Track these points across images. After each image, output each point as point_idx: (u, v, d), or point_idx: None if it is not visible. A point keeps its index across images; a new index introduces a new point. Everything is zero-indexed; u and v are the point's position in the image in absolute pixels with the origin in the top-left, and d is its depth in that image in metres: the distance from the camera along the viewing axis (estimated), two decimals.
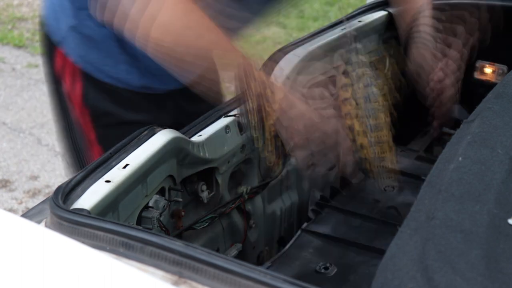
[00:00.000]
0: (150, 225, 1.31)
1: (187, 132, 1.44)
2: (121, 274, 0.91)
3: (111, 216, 1.21)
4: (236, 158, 1.55)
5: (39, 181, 3.46)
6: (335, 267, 1.51)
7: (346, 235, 1.62)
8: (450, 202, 1.03)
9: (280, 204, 1.77)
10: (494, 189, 1.05)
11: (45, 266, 0.90)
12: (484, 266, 0.91)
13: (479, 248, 0.94)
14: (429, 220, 1.00)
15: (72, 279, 0.89)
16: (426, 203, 1.06)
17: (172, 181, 1.39)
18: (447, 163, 1.14)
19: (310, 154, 1.81)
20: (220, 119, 1.51)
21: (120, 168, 1.24)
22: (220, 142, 1.48)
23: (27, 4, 5.67)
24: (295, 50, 1.72)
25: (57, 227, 1.08)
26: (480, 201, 1.03)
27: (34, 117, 4.06)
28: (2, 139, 3.82)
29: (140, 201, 1.29)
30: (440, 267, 0.91)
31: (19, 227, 0.99)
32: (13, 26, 5.31)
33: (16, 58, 4.83)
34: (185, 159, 1.39)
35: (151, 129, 1.35)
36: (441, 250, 0.94)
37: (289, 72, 1.66)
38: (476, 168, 1.10)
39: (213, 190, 1.52)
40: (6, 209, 3.15)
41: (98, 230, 1.04)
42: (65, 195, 1.16)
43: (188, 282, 0.95)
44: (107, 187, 1.20)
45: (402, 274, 0.92)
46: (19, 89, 4.40)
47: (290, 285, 0.91)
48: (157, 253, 0.99)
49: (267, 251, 1.75)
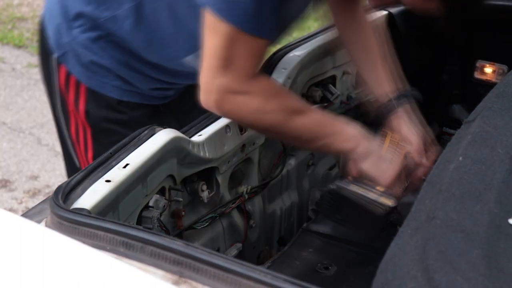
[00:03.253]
0: (151, 225, 1.30)
1: (187, 132, 1.44)
2: (122, 274, 0.91)
3: (112, 216, 1.21)
4: (236, 158, 1.55)
5: (39, 181, 3.46)
6: (335, 266, 1.51)
7: (346, 235, 1.62)
8: (451, 201, 1.03)
9: (280, 204, 1.77)
10: (494, 188, 1.05)
11: (45, 266, 0.90)
12: (485, 265, 0.91)
13: (480, 247, 0.94)
14: (430, 220, 0.99)
15: (73, 278, 0.88)
16: (426, 203, 1.06)
17: (172, 181, 1.39)
18: (447, 163, 1.14)
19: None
20: (220, 119, 1.51)
21: (120, 167, 1.24)
22: (220, 142, 1.48)
23: (27, 4, 5.67)
24: (295, 50, 1.72)
25: (57, 227, 1.07)
26: (480, 201, 1.03)
27: (34, 117, 4.06)
28: (2, 139, 3.82)
29: (140, 200, 1.29)
30: (440, 267, 0.90)
31: (19, 227, 0.99)
32: (13, 26, 5.31)
33: (16, 58, 4.83)
34: (185, 159, 1.39)
35: (151, 128, 1.35)
36: (442, 249, 0.93)
37: (289, 72, 1.66)
38: (477, 167, 1.10)
39: (213, 190, 1.52)
40: (6, 209, 3.14)
41: (99, 230, 1.04)
42: (65, 195, 1.16)
43: (189, 281, 0.95)
44: (108, 187, 1.20)
45: (403, 274, 0.92)
46: (19, 89, 4.40)
47: (290, 285, 0.91)
48: (157, 252, 0.99)
49: (267, 250, 1.75)
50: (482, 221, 0.99)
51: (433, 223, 0.98)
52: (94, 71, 1.64)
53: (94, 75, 1.64)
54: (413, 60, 2.05)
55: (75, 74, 1.65)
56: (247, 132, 1.55)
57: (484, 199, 1.03)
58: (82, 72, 1.65)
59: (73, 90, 1.66)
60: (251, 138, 1.57)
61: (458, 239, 0.95)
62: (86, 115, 1.67)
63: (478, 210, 1.01)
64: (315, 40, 1.78)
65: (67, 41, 1.64)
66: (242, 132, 1.54)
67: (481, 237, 0.96)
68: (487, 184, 1.06)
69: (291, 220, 1.82)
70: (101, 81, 1.64)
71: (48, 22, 1.70)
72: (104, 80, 1.64)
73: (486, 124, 1.20)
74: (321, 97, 1.79)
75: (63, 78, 1.67)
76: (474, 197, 1.03)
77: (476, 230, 0.97)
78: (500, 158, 1.12)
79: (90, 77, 1.64)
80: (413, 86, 2.07)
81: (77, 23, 1.62)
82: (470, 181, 1.07)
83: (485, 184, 1.06)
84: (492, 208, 1.01)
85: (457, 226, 0.97)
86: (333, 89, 1.81)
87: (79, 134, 1.71)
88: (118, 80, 1.65)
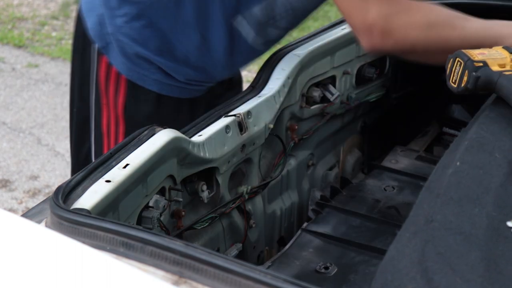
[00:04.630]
0: (151, 225, 1.31)
1: (187, 132, 1.44)
2: (122, 274, 0.91)
3: (112, 216, 1.21)
4: (236, 158, 1.55)
5: (39, 181, 3.46)
6: (335, 267, 1.51)
7: (346, 235, 1.62)
8: (449, 205, 1.03)
9: (280, 204, 1.77)
10: (492, 192, 1.05)
11: (45, 266, 0.90)
12: (484, 267, 0.91)
13: (479, 250, 0.94)
14: (428, 223, 1.00)
15: (73, 279, 0.89)
16: (424, 207, 1.06)
17: (172, 181, 1.39)
18: (445, 168, 1.14)
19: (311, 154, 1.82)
20: (221, 119, 1.51)
21: (120, 168, 1.24)
22: (220, 142, 1.48)
23: (27, 4, 5.67)
24: (295, 50, 1.72)
25: (57, 227, 1.08)
26: (478, 204, 1.03)
27: (34, 117, 4.07)
28: (2, 139, 3.82)
29: (141, 201, 1.29)
30: (440, 269, 0.91)
31: (19, 227, 0.99)
32: (13, 26, 5.32)
33: (16, 58, 4.83)
34: (185, 159, 1.39)
35: (151, 129, 1.36)
36: (441, 252, 0.94)
37: (289, 72, 1.66)
38: (474, 172, 1.10)
39: (213, 190, 1.52)
40: (6, 209, 3.15)
41: (99, 230, 1.04)
42: (66, 195, 1.16)
43: (189, 282, 0.95)
44: (108, 187, 1.20)
45: (402, 276, 0.92)
46: (19, 89, 4.41)
47: (290, 285, 0.92)
48: (157, 253, 0.99)
49: (267, 251, 1.75)
50: (480, 224, 0.99)
51: (431, 226, 0.99)
52: (136, 63, 1.65)
53: (136, 67, 1.66)
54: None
55: (117, 66, 1.66)
56: (247, 132, 1.55)
57: (482, 203, 1.03)
58: (124, 63, 1.66)
59: (114, 83, 1.67)
60: (251, 138, 1.57)
61: (456, 242, 0.95)
62: (124, 108, 1.68)
63: (476, 213, 1.01)
64: (315, 40, 1.78)
65: (110, 32, 1.65)
66: (242, 132, 1.54)
67: (479, 240, 0.96)
68: (485, 188, 1.06)
69: (291, 220, 1.82)
70: (142, 73, 1.66)
71: (87, 13, 1.71)
72: (145, 72, 1.66)
73: (483, 130, 1.20)
74: (321, 97, 1.79)
75: (104, 70, 1.68)
76: (472, 201, 1.04)
77: (475, 233, 0.97)
78: (497, 163, 1.12)
79: (131, 69, 1.66)
80: (413, 86, 2.07)
81: (121, 11, 1.62)
82: (468, 185, 1.07)
83: (483, 188, 1.06)
84: (490, 211, 1.01)
85: (456, 229, 0.97)
86: (333, 89, 1.81)
87: (111, 128, 1.71)
88: (159, 73, 1.66)
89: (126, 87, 1.68)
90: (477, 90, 1.30)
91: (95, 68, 1.70)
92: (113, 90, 1.68)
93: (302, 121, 1.76)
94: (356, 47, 1.86)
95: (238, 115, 1.52)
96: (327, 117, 1.83)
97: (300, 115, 1.75)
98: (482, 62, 1.29)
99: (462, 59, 1.30)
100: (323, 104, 1.80)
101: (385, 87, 2.02)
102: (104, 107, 1.71)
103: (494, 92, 1.29)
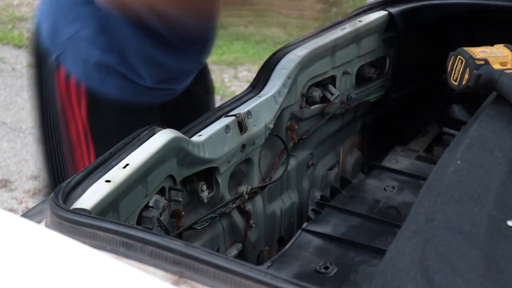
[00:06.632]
0: (150, 225, 1.31)
1: (187, 132, 1.44)
2: (121, 274, 0.91)
3: (112, 216, 1.21)
4: (236, 158, 1.55)
5: (39, 181, 3.46)
6: (335, 266, 1.51)
7: (346, 235, 1.62)
8: (450, 204, 1.03)
9: (280, 204, 1.77)
10: (493, 191, 1.05)
11: (45, 266, 0.90)
12: (484, 267, 0.91)
13: (479, 249, 0.94)
14: (429, 222, 1.00)
15: (73, 279, 0.89)
16: (425, 206, 1.06)
17: (172, 181, 1.39)
18: (446, 167, 1.14)
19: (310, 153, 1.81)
20: (220, 119, 1.51)
21: (120, 168, 1.24)
22: (220, 142, 1.48)
23: (27, 4, 5.67)
24: (295, 50, 1.72)
25: (57, 227, 1.07)
26: (479, 203, 1.03)
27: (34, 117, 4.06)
28: (2, 139, 3.82)
29: (140, 201, 1.29)
30: (440, 268, 0.91)
31: (19, 227, 0.99)
32: (13, 26, 5.31)
33: (16, 58, 4.83)
34: (185, 159, 1.39)
35: (151, 129, 1.35)
36: (441, 251, 0.94)
37: (289, 72, 1.66)
38: (475, 170, 1.10)
39: (213, 190, 1.52)
40: (6, 209, 3.15)
41: (99, 230, 1.04)
42: (66, 195, 1.16)
43: (189, 282, 0.95)
44: (108, 187, 1.20)
45: (402, 276, 0.92)
46: (19, 89, 4.40)
47: (290, 285, 0.91)
48: (157, 253, 0.99)
49: (267, 251, 1.75)
50: (481, 223, 0.99)
51: (432, 225, 0.99)
52: (95, 68, 1.60)
53: (95, 73, 1.60)
54: (413, 60, 2.05)
55: (75, 73, 1.62)
56: (247, 132, 1.55)
57: (483, 202, 1.03)
58: (82, 69, 1.61)
59: (75, 94, 1.64)
60: (251, 138, 1.57)
61: (457, 241, 0.95)
62: (88, 120, 1.65)
63: (477, 212, 1.01)
64: (315, 40, 1.78)
65: (66, 38, 1.61)
66: (242, 132, 1.54)
67: (480, 239, 0.96)
68: (485, 187, 1.06)
69: (291, 220, 1.82)
70: (103, 79, 1.61)
71: (42, 23, 1.66)
72: (105, 78, 1.61)
73: (483, 128, 1.20)
74: (321, 97, 1.79)
75: (63, 80, 1.64)
76: (473, 200, 1.03)
77: (475, 232, 0.97)
78: (498, 161, 1.12)
79: (90, 76, 1.61)
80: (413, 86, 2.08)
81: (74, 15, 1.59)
82: (468, 184, 1.07)
83: (484, 187, 1.06)
84: (491, 211, 1.01)
85: (456, 228, 0.97)
86: (333, 89, 1.81)
87: (81, 139, 1.68)
88: (120, 79, 1.62)
89: (86, 98, 1.62)
90: (478, 88, 1.30)
91: (54, 80, 1.65)
92: (75, 101, 1.64)
93: (302, 121, 1.76)
94: (356, 47, 1.86)
95: (238, 115, 1.52)
96: (327, 117, 1.83)
97: (300, 115, 1.75)
98: (484, 60, 1.29)
99: (463, 57, 1.30)
100: (323, 104, 1.80)
101: (385, 87, 2.02)
102: (70, 119, 1.66)
103: (495, 90, 1.28)
